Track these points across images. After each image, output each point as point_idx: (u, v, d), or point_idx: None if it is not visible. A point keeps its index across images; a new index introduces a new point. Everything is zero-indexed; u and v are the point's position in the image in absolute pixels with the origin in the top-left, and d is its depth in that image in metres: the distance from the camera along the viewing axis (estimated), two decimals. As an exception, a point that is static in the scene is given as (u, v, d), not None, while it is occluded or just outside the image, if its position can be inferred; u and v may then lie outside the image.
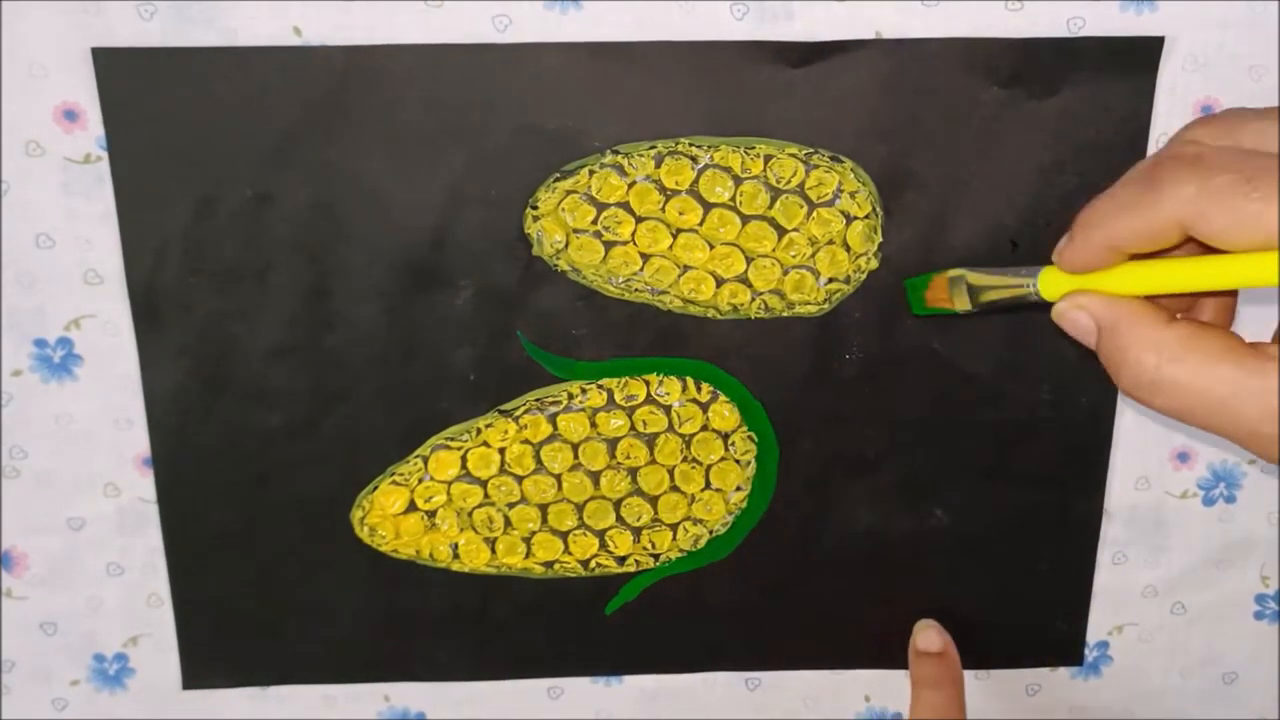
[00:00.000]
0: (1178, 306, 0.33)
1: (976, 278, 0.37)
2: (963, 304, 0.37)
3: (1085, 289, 0.31)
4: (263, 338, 0.44)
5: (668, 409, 0.45)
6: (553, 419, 0.45)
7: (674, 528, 0.47)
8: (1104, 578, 0.48)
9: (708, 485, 0.46)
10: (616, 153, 0.42)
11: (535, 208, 0.42)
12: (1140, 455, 0.47)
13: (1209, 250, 0.28)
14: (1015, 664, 0.50)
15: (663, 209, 0.43)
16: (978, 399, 0.45)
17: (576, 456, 0.46)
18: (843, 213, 0.43)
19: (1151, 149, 0.42)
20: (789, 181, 0.42)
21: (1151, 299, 0.30)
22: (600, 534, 0.47)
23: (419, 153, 0.42)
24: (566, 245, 0.43)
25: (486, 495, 0.46)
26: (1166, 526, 0.48)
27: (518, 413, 0.45)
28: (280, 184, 0.42)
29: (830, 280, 0.43)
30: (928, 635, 0.48)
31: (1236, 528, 0.48)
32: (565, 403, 0.45)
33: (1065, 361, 0.45)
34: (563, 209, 0.42)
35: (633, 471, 0.46)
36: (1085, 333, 0.31)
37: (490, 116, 0.41)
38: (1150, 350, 0.29)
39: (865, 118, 0.42)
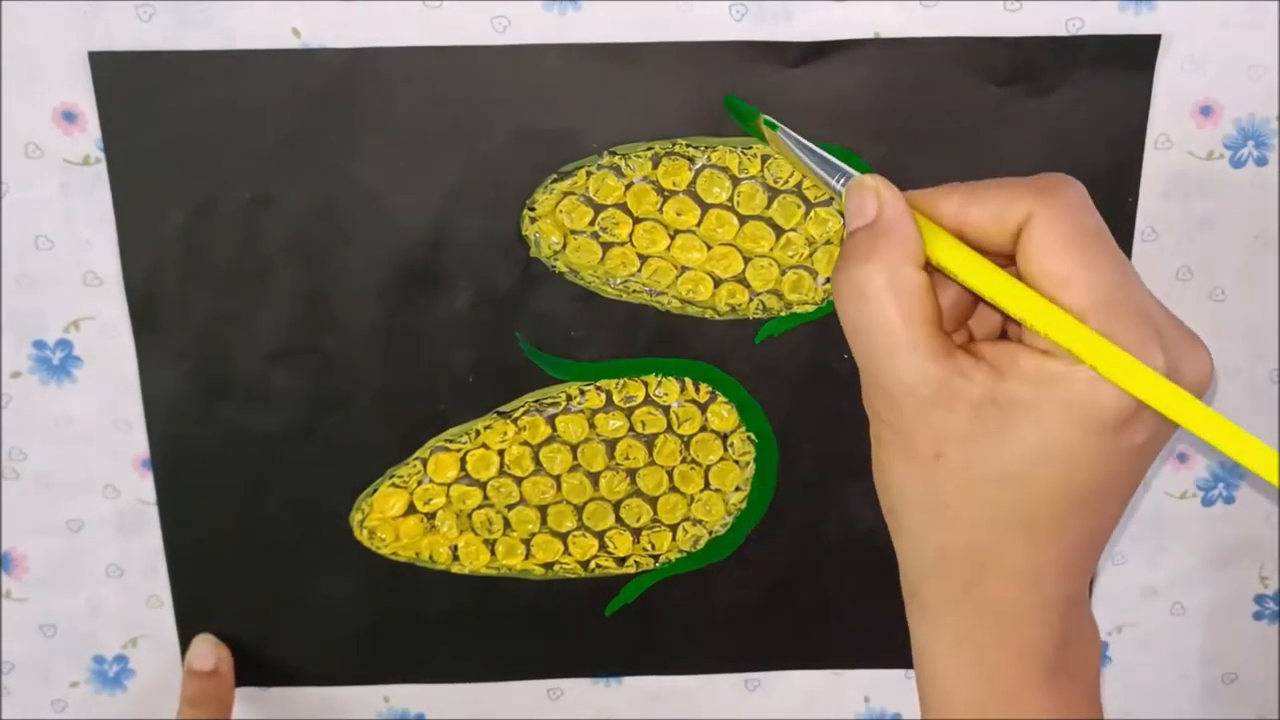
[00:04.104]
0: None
1: (789, 144, 0.35)
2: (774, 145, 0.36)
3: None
4: (261, 340, 0.44)
5: (666, 410, 0.45)
6: (551, 420, 0.45)
7: (673, 528, 0.47)
8: (1104, 578, 0.48)
9: (707, 486, 0.46)
10: (614, 154, 0.42)
11: (533, 209, 0.42)
12: (1140, 455, 0.47)
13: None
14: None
15: (660, 210, 0.43)
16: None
17: (575, 458, 0.46)
18: (840, 212, 0.43)
19: (1149, 148, 0.42)
20: (786, 181, 0.42)
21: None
22: (600, 535, 0.47)
23: (417, 154, 0.42)
24: (564, 246, 0.43)
25: (486, 497, 0.46)
26: (1166, 527, 0.48)
27: (516, 414, 0.45)
28: (279, 186, 0.42)
29: (828, 280, 0.43)
30: (200, 651, 0.46)
31: (1236, 528, 0.48)
32: (564, 404, 0.45)
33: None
34: (560, 210, 0.42)
35: (632, 472, 0.46)
36: (861, 215, 0.30)
37: (488, 118, 0.41)
38: (889, 268, 0.29)
39: (864, 117, 0.42)
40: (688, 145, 0.42)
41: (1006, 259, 0.29)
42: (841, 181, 0.33)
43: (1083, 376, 0.27)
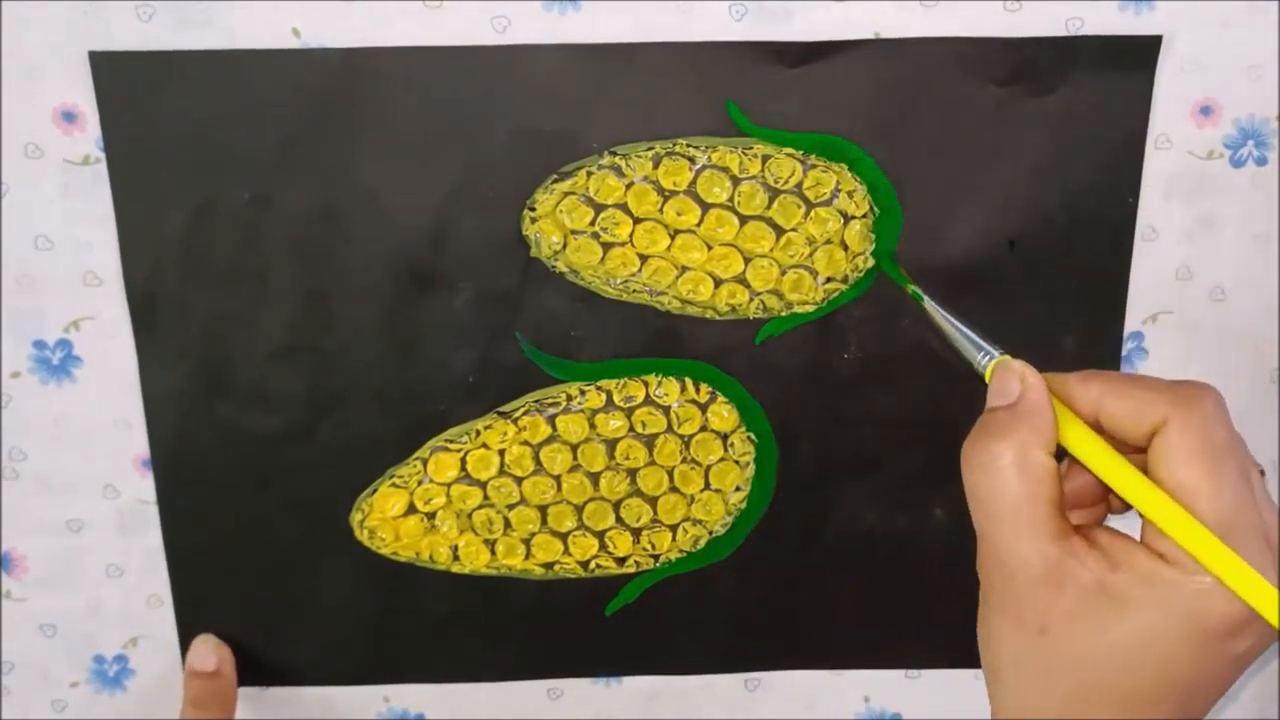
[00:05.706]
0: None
1: (936, 316, 0.38)
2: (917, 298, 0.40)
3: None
4: (262, 339, 0.44)
5: (666, 410, 0.45)
6: (552, 420, 0.45)
7: (674, 528, 0.47)
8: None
9: (707, 486, 0.46)
10: (614, 154, 0.42)
11: (533, 209, 0.42)
12: (1140, 455, 0.47)
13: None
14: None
15: (661, 210, 0.43)
16: (977, 398, 0.45)
17: (576, 458, 0.46)
18: (840, 212, 0.43)
19: (1149, 149, 0.42)
20: (787, 181, 0.42)
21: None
22: (600, 535, 0.47)
23: (417, 154, 0.42)
24: (564, 246, 0.43)
25: (486, 497, 0.46)
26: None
27: (517, 414, 0.45)
28: (279, 186, 0.42)
29: (828, 280, 0.43)
30: (201, 652, 0.47)
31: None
32: (564, 404, 0.45)
33: (1064, 360, 0.45)
34: (561, 210, 0.42)
35: (632, 472, 0.46)
36: (1003, 395, 0.33)
37: (488, 118, 0.41)
38: (1022, 452, 0.31)
39: (864, 117, 0.42)
40: (688, 145, 0.42)
41: (1137, 449, 0.31)
42: (985, 360, 0.35)
43: (1193, 588, 0.28)
